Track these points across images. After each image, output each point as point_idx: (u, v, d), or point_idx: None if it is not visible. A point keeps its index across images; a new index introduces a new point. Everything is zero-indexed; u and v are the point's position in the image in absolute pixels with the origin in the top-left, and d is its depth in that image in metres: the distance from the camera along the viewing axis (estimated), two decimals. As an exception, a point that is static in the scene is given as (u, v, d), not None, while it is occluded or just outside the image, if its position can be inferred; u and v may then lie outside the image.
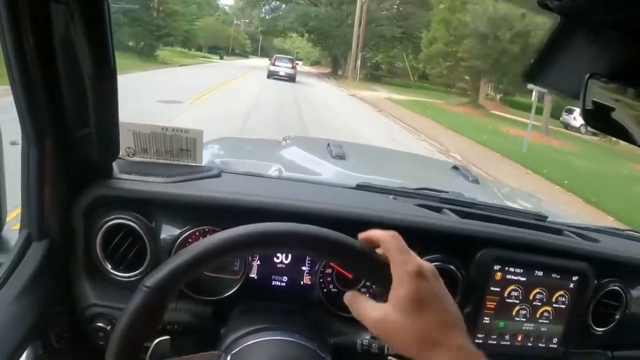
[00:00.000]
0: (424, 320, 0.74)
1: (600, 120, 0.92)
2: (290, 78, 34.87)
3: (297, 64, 41.10)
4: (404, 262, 0.81)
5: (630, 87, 0.88)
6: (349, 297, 0.83)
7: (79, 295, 1.28)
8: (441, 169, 3.36)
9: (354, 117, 19.54)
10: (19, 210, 1.19)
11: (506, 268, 1.42)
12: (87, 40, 1.03)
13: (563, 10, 0.93)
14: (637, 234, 2.00)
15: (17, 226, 1.21)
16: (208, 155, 2.30)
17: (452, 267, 1.40)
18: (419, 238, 1.37)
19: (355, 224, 0.84)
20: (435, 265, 1.36)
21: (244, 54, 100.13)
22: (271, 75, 35.01)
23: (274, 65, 36.21)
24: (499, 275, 1.42)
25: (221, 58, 62.69)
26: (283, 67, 35.66)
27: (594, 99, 0.89)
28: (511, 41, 25.48)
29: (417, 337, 0.73)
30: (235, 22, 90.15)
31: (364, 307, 0.79)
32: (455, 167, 2.92)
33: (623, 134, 0.93)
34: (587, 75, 0.88)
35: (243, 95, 21.00)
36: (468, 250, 1.42)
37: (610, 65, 0.90)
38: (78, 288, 1.28)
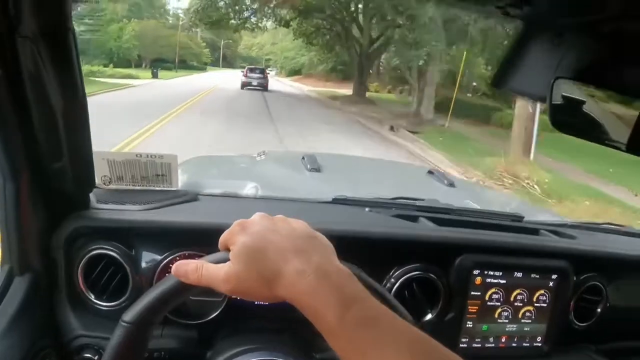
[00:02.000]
0: (261, 259, 0.74)
1: (568, 121, 0.94)
2: (263, 87, 36.74)
3: (268, 73, 42.52)
4: (230, 229, 0.81)
5: (595, 88, 0.90)
6: (190, 266, 0.80)
7: (65, 327, 1.27)
8: (416, 175, 3.37)
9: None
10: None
11: (485, 272, 1.44)
12: (55, 73, 1.03)
13: (526, 17, 0.95)
14: (613, 227, 2.03)
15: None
16: (184, 178, 2.30)
17: (432, 275, 1.42)
18: (396, 249, 1.39)
19: (333, 240, 0.84)
20: (414, 274, 1.38)
21: (199, 67, 78.26)
22: (244, 85, 36.75)
23: (246, 76, 37.60)
24: (478, 279, 1.44)
25: (154, 76, 41.91)
26: (255, 78, 37.39)
27: (561, 101, 0.91)
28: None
29: (261, 276, 0.73)
30: (180, 22, 62.93)
31: (209, 273, 0.77)
32: (430, 172, 2.94)
33: (590, 135, 0.95)
34: (553, 78, 0.90)
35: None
36: (447, 258, 1.44)
37: (575, 68, 0.91)
38: (63, 320, 1.27)
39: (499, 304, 1.47)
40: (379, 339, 0.65)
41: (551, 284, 1.50)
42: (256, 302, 1.37)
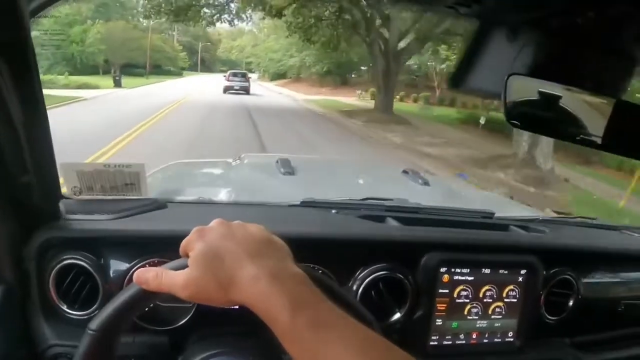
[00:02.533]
0: (217, 264, 0.75)
1: (522, 117, 0.96)
2: (245, 90, 37.13)
3: (249, 77, 42.28)
4: (188, 236, 0.83)
5: (548, 82, 0.92)
6: (151, 273, 0.82)
7: (39, 337, 1.27)
8: (390, 175, 3.38)
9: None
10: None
11: (452, 269, 1.45)
12: (14, 87, 1.03)
13: (477, 15, 0.97)
14: (586, 220, 2.05)
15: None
16: (157, 185, 2.29)
17: (398, 274, 1.43)
18: (361, 250, 1.40)
19: (296, 244, 0.85)
20: (380, 274, 1.39)
21: (175, 72, 69.18)
22: (227, 90, 36.66)
23: (229, 80, 38.22)
24: (446, 277, 1.45)
25: (117, 85, 35.47)
26: (237, 82, 37.85)
27: (515, 98, 0.93)
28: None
29: (217, 282, 0.74)
30: (151, 22, 48.62)
31: (169, 279, 0.79)
32: (405, 172, 2.95)
33: (544, 129, 0.97)
34: (507, 75, 0.92)
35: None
36: (413, 256, 1.45)
37: (530, 63, 0.93)
38: (37, 330, 1.28)
39: (467, 300, 1.49)
40: (329, 340, 0.66)
41: (520, 279, 1.52)
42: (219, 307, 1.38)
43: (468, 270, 1.47)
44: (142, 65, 56.23)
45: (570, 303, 1.62)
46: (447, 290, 1.46)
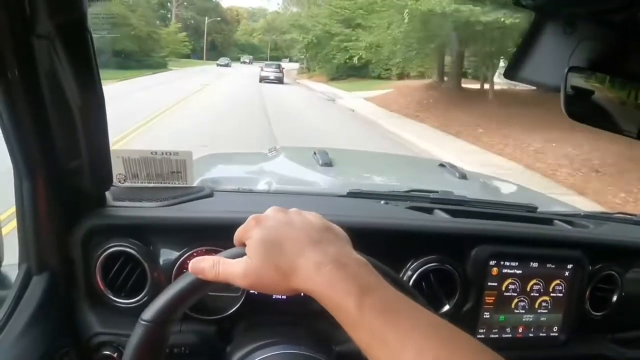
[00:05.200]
0: (277, 252, 0.75)
1: (583, 111, 0.94)
2: (279, 80, 39.33)
3: (283, 68, 43.91)
4: (244, 224, 0.82)
5: (609, 76, 0.90)
6: (207, 262, 0.81)
7: (84, 325, 1.28)
8: (428, 167, 3.36)
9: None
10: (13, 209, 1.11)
11: (502, 262, 1.45)
12: (72, 72, 1.04)
13: (537, 7, 0.95)
14: (626, 216, 2.03)
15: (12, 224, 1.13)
16: (198, 175, 2.31)
17: (448, 266, 1.42)
18: (412, 241, 1.39)
19: (349, 233, 0.85)
20: (431, 266, 1.38)
21: (155, 63, 44.43)
22: (262, 79, 39.10)
23: (263, 71, 40.84)
24: (495, 270, 1.44)
25: None
26: (272, 72, 40.29)
27: (575, 92, 0.92)
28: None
29: (278, 270, 0.74)
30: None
31: (227, 269, 0.78)
32: (442, 165, 2.93)
33: (605, 124, 0.95)
34: (567, 68, 0.90)
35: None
36: (462, 249, 1.45)
37: (589, 57, 0.92)
38: (82, 318, 1.28)
39: (515, 294, 1.48)
40: (399, 325, 0.65)
41: (567, 273, 1.51)
42: (274, 296, 1.38)
43: (516, 263, 1.46)
44: (126, 53, 38.71)
45: (614, 299, 1.60)
46: (495, 284, 1.46)
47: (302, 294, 0.74)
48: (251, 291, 1.36)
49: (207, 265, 0.80)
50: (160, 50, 50.39)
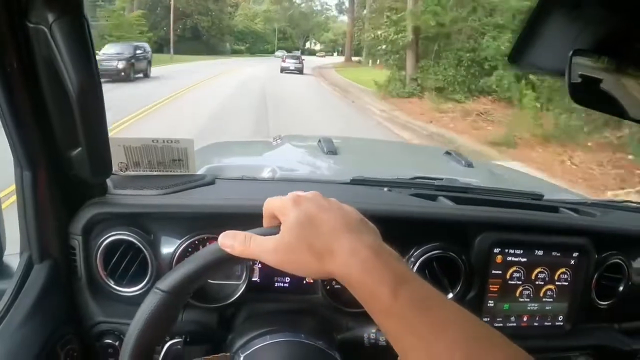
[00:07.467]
0: (314, 233, 0.75)
1: (588, 96, 0.93)
2: (299, 71, 41.13)
3: (303, 59, 45.09)
4: (281, 200, 0.82)
5: (614, 60, 0.89)
6: (239, 237, 0.81)
7: (85, 314, 1.28)
8: (434, 155, 3.35)
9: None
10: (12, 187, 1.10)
11: (506, 250, 1.43)
12: (70, 60, 1.02)
13: None
14: (632, 204, 2.01)
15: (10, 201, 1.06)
16: (201, 163, 2.30)
17: (452, 254, 1.41)
18: (415, 228, 1.38)
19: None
20: (435, 253, 1.37)
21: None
22: (283, 70, 41.10)
23: (284, 62, 42.74)
24: (499, 258, 1.43)
25: None
26: (292, 63, 42.15)
27: (580, 75, 0.90)
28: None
29: (312, 250, 0.74)
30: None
31: (258, 244, 0.78)
32: (447, 153, 2.92)
33: (610, 108, 0.94)
34: (571, 51, 0.89)
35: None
36: (466, 236, 1.44)
37: (594, 40, 0.90)
38: (83, 307, 1.29)
39: (520, 282, 1.46)
40: (433, 318, 0.66)
41: (572, 262, 1.49)
42: (275, 284, 1.38)
43: (521, 251, 1.44)
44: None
45: (621, 288, 1.58)
46: (500, 272, 1.44)
47: (304, 283, 0.74)
48: (253, 279, 1.35)
49: (238, 239, 0.80)
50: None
